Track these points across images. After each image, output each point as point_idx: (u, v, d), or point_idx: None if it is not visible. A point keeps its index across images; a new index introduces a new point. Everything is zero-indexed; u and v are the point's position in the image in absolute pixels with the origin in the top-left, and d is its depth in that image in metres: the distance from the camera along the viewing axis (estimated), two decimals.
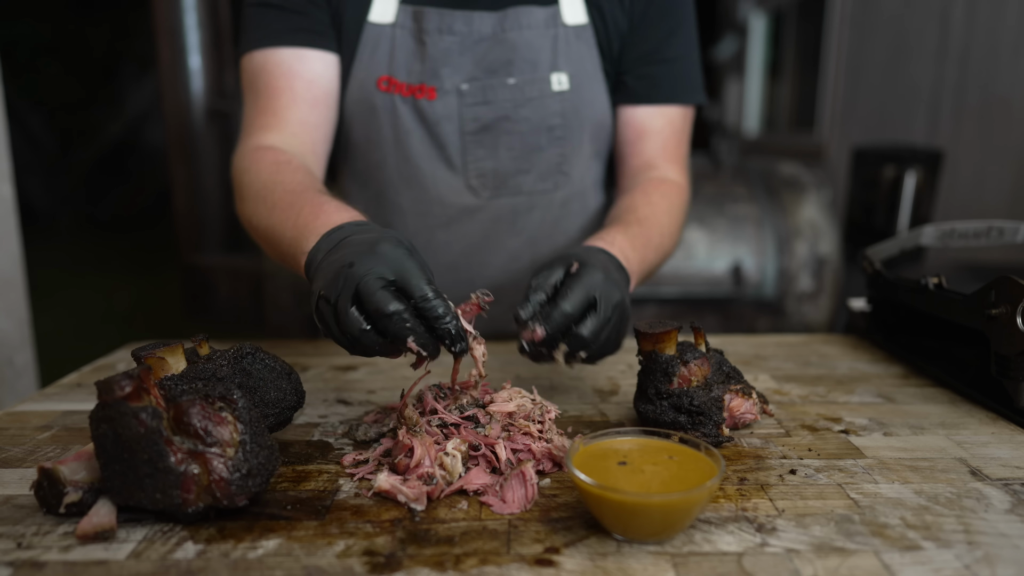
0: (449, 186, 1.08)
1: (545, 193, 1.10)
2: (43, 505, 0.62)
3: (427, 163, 1.06)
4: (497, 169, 1.07)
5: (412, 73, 1.03)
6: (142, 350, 0.73)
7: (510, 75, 1.04)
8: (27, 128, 9.14)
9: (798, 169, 3.13)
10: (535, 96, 1.04)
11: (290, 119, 1.00)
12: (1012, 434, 0.79)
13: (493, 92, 1.04)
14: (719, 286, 2.85)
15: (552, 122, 1.06)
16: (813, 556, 0.55)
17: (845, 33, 5.15)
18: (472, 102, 1.04)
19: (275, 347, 1.16)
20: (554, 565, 0.54)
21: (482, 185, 1.08)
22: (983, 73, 3.63)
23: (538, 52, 1.04)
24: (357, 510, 0.63)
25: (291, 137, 1.00)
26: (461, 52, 1.02)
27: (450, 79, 1.03)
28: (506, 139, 1.06)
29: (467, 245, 1.10)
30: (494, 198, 1.09)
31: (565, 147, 1.08)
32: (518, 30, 1.03)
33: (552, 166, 1.09)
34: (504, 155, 1.06)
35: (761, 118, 7.20)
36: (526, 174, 1.08)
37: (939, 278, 0.98)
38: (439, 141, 1.05)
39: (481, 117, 1.04)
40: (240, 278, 4.66)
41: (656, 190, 1.04)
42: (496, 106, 1.04)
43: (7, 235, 1.80)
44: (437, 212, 1.09)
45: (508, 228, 1.11)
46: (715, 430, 0.75)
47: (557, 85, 1.05)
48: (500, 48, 1.03)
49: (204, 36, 4.51)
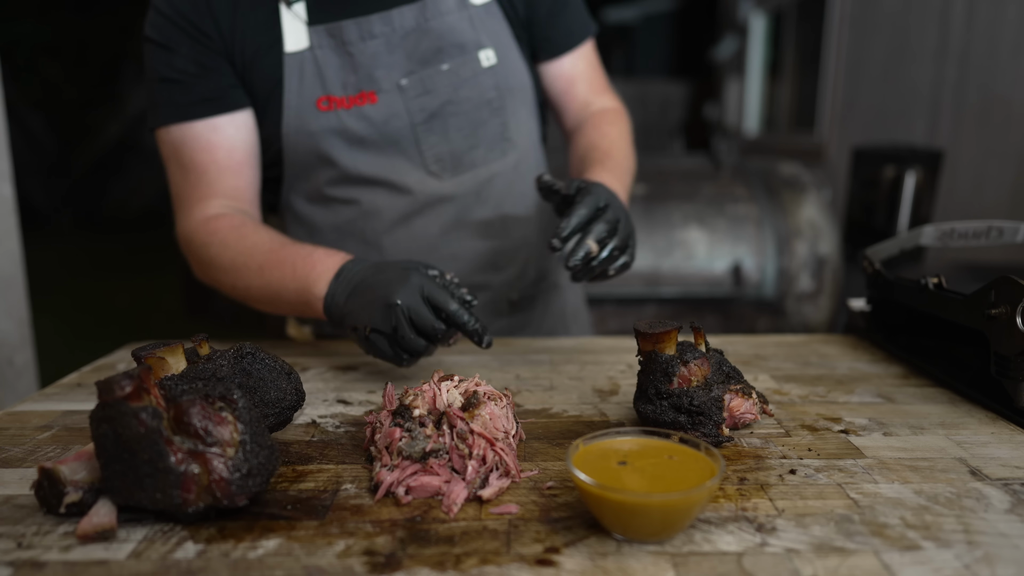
0: (412, 176, 1.13)
1: (496, 161, 1.17)
2: (43, 505, 0.62)
3: (387, 161, 1.11)
4: (452, 150, 1.13)
5: (348, 86, 1.07)
6: (142, 350, 0.73)
7: (442, 62, 1.09)
8: (27, 128, 9.14)
9: (798, 169, 3.13)
10: (469, 76, 1.11)
11: (222, 188, 1.07)
12: (1012, 434, 0.79)
13: (431, 81, 1.09)
14: (719, 286, 2.85)
15: (489, 95, 1.13)
16: (813, 556, 0.55)
17: (845, 33, 5.15)
18: (415, 94, 1.09)
19: (275, 347, 1.16)
20: (554, 565, 0.54)
21: (441, 168, 1.14)
22: (983, 73, 3.63)
23: (461, 35, 1.09)
24: (357, 510, 0.63)
25: (229, 201, 1.08)
26: (390, 51, 1.07)
27: (387, 79, 1.07)
28: (453, 121, 1.12)
29: (443, 225, 1.16)
30: (455, 176, 1.15)
31: (504, 116, 1.16)
32: (439, 17, 1.08)
33: (497, 136, 1.16)
34: (455, 136, 1.13)
35: (761, 118, 7.20)
36: (476, 148, 1.15)
37: (939, 278, 0.98)
38: (392, 138, 1.10)
39: (427, 106, 1.10)
40: None
41: (604, 121, 1.19)
42: (437, 93, 1.10)
43: (7, 235, 1.80)
44: (409, 202, 1.14)
45: (475, 201, 1.17)
46: (715, 430, 0.75)
47: (486, 61, 1.11)
48: (427, 38, 1.08)
49: None
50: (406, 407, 0.70)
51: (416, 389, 0.73)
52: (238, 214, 1.07)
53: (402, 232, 1.15)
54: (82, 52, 9.33)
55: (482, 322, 0.87)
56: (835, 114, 5.27)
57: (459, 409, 0.70)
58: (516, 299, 1.26)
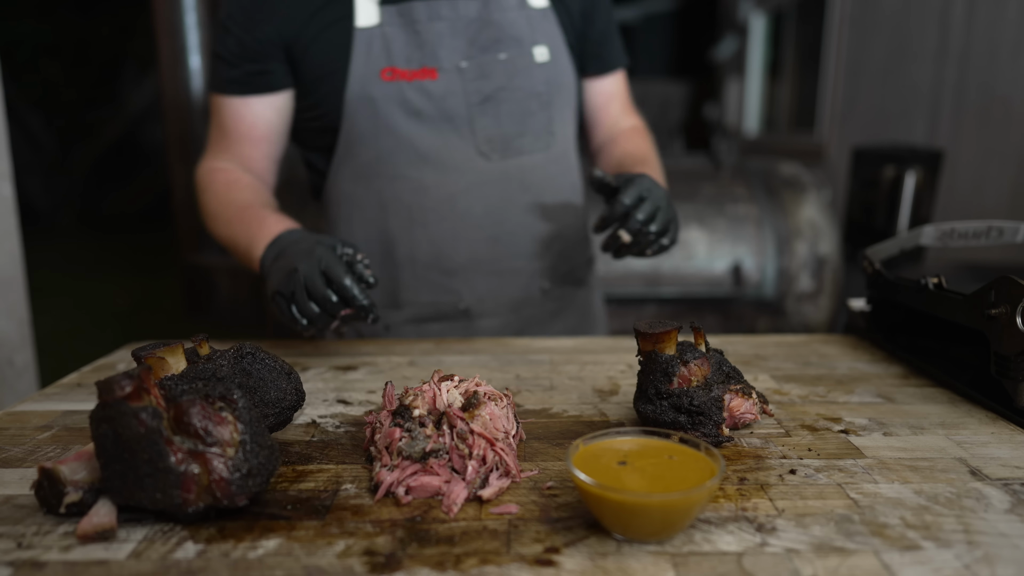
0: (462, 154, 1.20)
1: (541, 151, 1.25)
2: (43, 505, 0.62)
3: (440, 136, 1.18)
4: (502, 133, 1.21)
5: (411, 60, 1.15)
6: (142, 350, 0.73)
7: (500, 51, 1.18)
8: (27, 128, 9.14)
9: (798, 169, 3.13)
10: (523, 68, 1.20)
11: (239, 152, 1.22)
12: (1012, 434, 0.79)
13: (489, 67, 1.18)
14: (719, 286, 2.85)
15: (539, 89, 1.21)
16: (813, 556, 0.55)
17: (845, 33, 5.15)
18: (472, 77, 1.17)
19: (275, 347, 1.16)
20: (554, 565, 0.54)
21: (491, 149, 1.21)
22: (983, 73, 3.63)
23: (519, 30, 1.19)
24: (357, 510, 0.63)
25: (240, 162, 1.22)
26: (453, 35, 1.16)
27: (448, 59, 1.16)
28: (505, 107, 1.20)
29: (487, 205, 1.23)
30: (503, 159, 1.22)
31: (551, 111, 1.24)
32: (500, 12, 1.18)
33: (542, 128, 1.23)
34: (506, 121, 1.20)
35: (761, 118, 7.20)
36: (523, 136, 1.22)
37: (939, 278, 0.98)
38: (447, 114, 1.17)
39: (482, 89, 1.18)
40: (240, 278, 4.66)
41: (636, 135, 1.33)
42: (493, 79, 1.18)
43: (7, 235, 1.80)
44: (456, 180, 1.20)
45: (518, 186, 1.24)
46: (715, 430, 0.75)
47: (539, 57, 1.20)
48: (488, 29, 1.17)
49: (204, 36, 4.51)
50: (406, 407, 0.70)
51: (416, 389, 0.73)
52: (240, 171, 1.20)
53: (447, 210, 1.21)
54: (82, 52, 9.33)
55: (372, 300, 0.93)
56: (835, 114, 5.27)
57: (459, 409, 0.70)
58: (547, 288, 1.31)
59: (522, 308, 1.30)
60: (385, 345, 1.19)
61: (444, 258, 1.23)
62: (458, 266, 1.23)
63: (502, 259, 1.25)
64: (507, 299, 1.28)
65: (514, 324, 1.30)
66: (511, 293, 1.28)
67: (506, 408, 0.74)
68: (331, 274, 0.92)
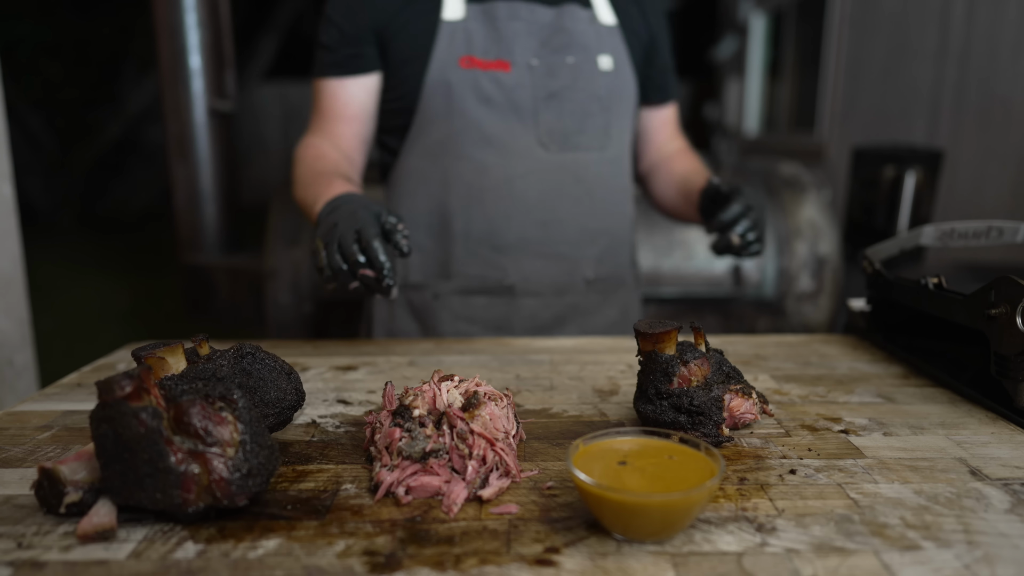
0: (525, 141, 1.31)
1: (597, 150, 1.35)
2: (43, 505, 0.62)
3: (505, 123, 1.29)
4: (563, 128, 1.31)
5: (488, 52, 1.28)
6: (142, 350, 0.73)
7: (568, 55, 1.30)
8: (27, 128, 9.13)
9: (798, 169, 3.13)
10: (588, 73, 1.31)
11: (332, 131, 1.34)
12: (1012, 434, 0.79)
13: (557, 67, 1.30)
14: (719, 286, 2.85)
15: (600, 93, 1.32)
16: (813, 556, 0.55)
17: (845, 33, 5.15)
18: (541, 74, 1.29)
19: (275, 347, 1.16)
20: (554, 565, 0.54)
21: (551, 140, 1.31)
22: (983, 73, 3.63)
23: (588, 39, 1.31)
24: (357, 510, 0.63)
25: (332, 139, 1.34)
26: (528, 34, 1.29)
27: (521, 55, 1.28)
28: (568, 105, 1.31)
29: (541, 192, 1.33)
30: (561, 152, 1.32)
31: (609, 116, 1.35)
32: (572, 22, 1.31)
33: (600, 130, 1.34)
34: (567, 118, 1.31)
35: (761, 118, 7.20)
36: (582, 133, 1.33)
37: (939, 278, 0.98)
38: (515, 105, 1.29)
39: (549, 86, 1.30)
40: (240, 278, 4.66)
41: (689, 156, 1.49)
42: (560, 79, 1.30)
43: (7, 235, 1.80)
44: (516, 164, 1.31)
45: (573, 179, 1.34)
46: (715, 430, 0.75)
47: (604, 66, 1.32)
48: (560, 34, 1.30)
49: (204, 36, 4.51)
50: (406, 407, 0.70)
51: (416, 389, 0.73)
52: (331, 148, 1.32)
53: (504, 190, 1.31)
54: (82, 52, 9.32)
55: (394, 270, 0.96)
56: (835, 114, 5.27)
57: (459, 409, 0.70)
58: (591, 278, 1.39)
59: (565, 293, 1.38)
60: (385, 345, 1.19)
61: (496, 235, 1.32)
62: (508, 244, 1.33)
63: (549, 243, 1.34)
64: (550, 282, 1.36)
65: (555, 307, 1.38)
66: (554, 277, 1.36)
67: (506, 408, 0.74)
68: (363, 234, 0.97)
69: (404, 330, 1.40)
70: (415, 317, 1.39)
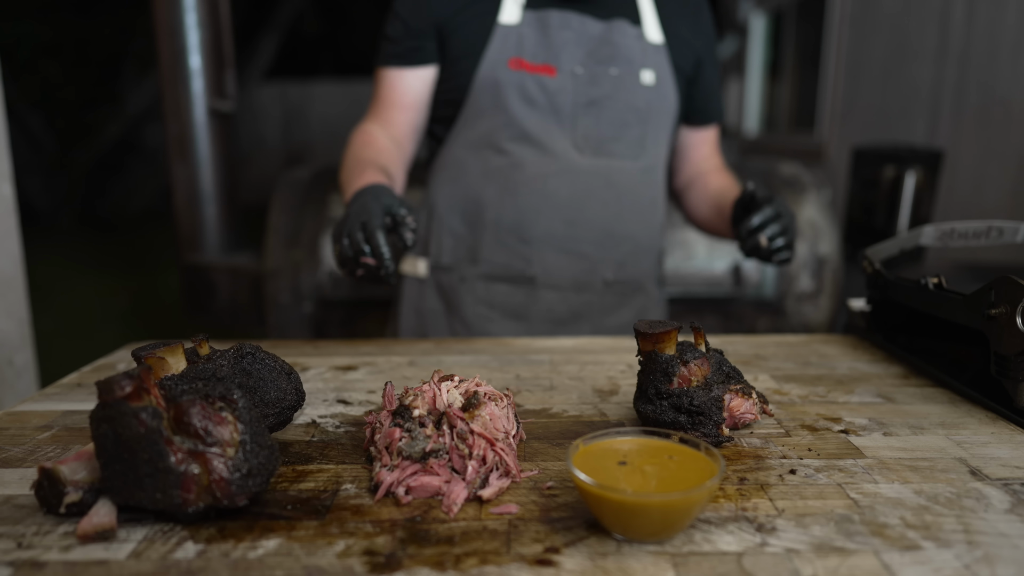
0: (561, 144, 1.37)
1: (630, 159, 1.40)
2: (43, 505, 0.62)
3: (545, 124, 1.36)
4: (599, 135, 1.37)
5: (537, 56, 1.34)
6: (142, 350, 0.73)
7: (612, 66, 1.36)
8: (27, 128, 9.13)
9: (798, 169, 3.13)
10: (629, 85, 1.37)
11: (388, 118, 1.41)
12: (1012, 434, 0.79)
13: (600, 77, 1.35)
14: (719, 286, 2.85)
15: (639, 105, 1.38)
16: (813, 556, 0.55)
17: (845, 33, 5.15)
18: (584, 82, 1.35)
19: (275, 347, 1.16)
20: (554, 565, 0.54)
21: (586, 145, 1.37)
22: (983, 73, 3.62)
23: (633, 53, 1.37)
24: (357, 510, 0.63)
25: (386, 127, 1.41)
26: (576, 44, 1.35)
27: (567, 63, 1.34)
28: (607, 113, 1.36)
29: (573, 192, 1.38)
30: (595, 156, 1.38)
31: (646, 128, 1.40)
32: (620, 36, 1.36)
33: (636, 140, 1.40)
34: (605, 125, 1.37)
35: (761, 118, 7.20)
36: (617, 142, 1.38)
37: (939, 278, 0.98)
38: (556, 108, 1.35)
39: (590, 94, 1.35)
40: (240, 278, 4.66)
41: (727, 174, 1.52)
42: (601, 88, 1.35)
43: (7, 235, 1.80)
44: (550, 163, 1.37)
45: (603, 183, 1.39)
46: (715, 430, 0.75)
47: (646, 80, 1.38)
48: (606, 47, 1.36)
49: (204, 36, 4.51)
50: (406, 407, 0.70)
51: (416, 389, 0.73)
52: (382, 134, 1.39)
53: (538, 186, 1.37)
54: (82, 52, 9.32)
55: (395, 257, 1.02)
56: (835, 114, 5.27)
57: (459, 409, 0.70)
58: (610, 280, 1.44)
59: (583, 291, 1.43)
60: (385, 345, 1.19)
61: (524, 227, 1.38)
62: (534, 237, 1.38)
63: (573, 241, 1.39)
64: (570, 278, 1.41)
65: (572, 302, 1.43)
66: (575, 273, 1.41)
67: (506, 408, 0.74)
68: (368, 225, 1.02)
69: (431, 308, 1.48)
70: (441, 297, 1.46)
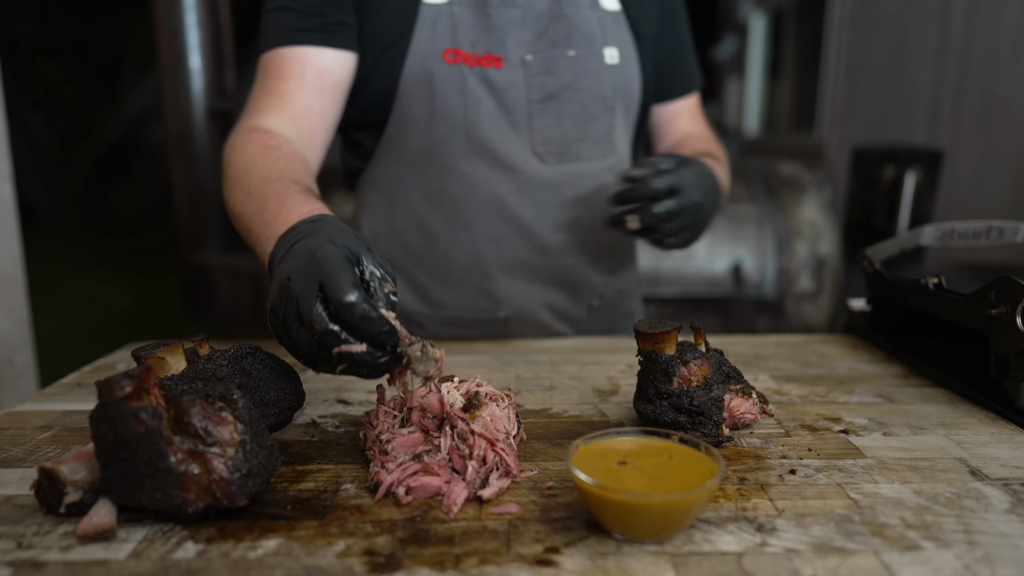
0: (518, 153, 1.13)
1: (599, 159, 1.18)
2: (43, 505, 0.62)
3: (496, 131, 1.11)
4: (561, 136, 1.14)
5: (477, 45, 1.09)
6: (142, 350, 0.73)
7: (569, 48, 1.12)
8: (27, 128, 9.13)
9: (798, 169, 3.13)
10: (592, 68, 1.13)
11: (294, 103, 1.03)
12: (1012, 434, 0.79)
13: (555, 63, 1.11)
14: (719, 286, 2.85)
15: (605, 92, 1.15)
16: (813, 556, 0.55)
17: (845, 33, 5.15)
18: (536, 72, 1.11)
19: (275, 347, 1.16)
20: (554, 565, 0.54)
21: (547, 151, 1.14)
22: (983, 73, 3.63)
23: (592, 28, 1.13)
24: (357, 510, 0.63)
25: (291, 121, 1.03)
26: (523, 25, 1.10)
27: (514, 49, 1.10)
28: (568, 108, 1.13)
29: (537, 211, 1.16)
30: (559, 163, 1.15)
31: (613, 117, 1.17)
32: (573, 8, 1.12)
33: (603, 135, 1.17)
34: (567, 123, 1.14)
35: (761, 118, 7.20)
36: (583, 142, 1.16)
37: (939, 278, 0.98)
38: (507, 108, 1.10)
39: (546, 86, 1.11)
40: (240, 278, 4.66)
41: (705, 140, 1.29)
42: (559, 76, 1.11)
43: (7, 235, 1.80)
44: (508, 179, 1.13)
45: (572, 193, 1.17)
46: (715, 430, 0.75)
47: (609, 59, 1.14)
48: (559, 24, 1.11)
49: (204, 36, 4.51)
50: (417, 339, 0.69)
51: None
52: (284, 139, 1.00)
53: (495, 210, 1.14)
54: (82, 52, 9.33)
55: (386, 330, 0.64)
56: (835, 114, 5.27)
57: (460, 410, 0.70)
58: (597, 305, 1.25)
59: (572, 318, 1.23)
60: None
61: (485, 262, 1.15)
62: (499, 272, 1.16)
63: (547, 270, 1.18)
64: (548, 314, 1.21)
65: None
66: (554, 308, 1.21)
67: (507, 408, 0.74)
68: (330, 285, 0.64)
69: None
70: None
